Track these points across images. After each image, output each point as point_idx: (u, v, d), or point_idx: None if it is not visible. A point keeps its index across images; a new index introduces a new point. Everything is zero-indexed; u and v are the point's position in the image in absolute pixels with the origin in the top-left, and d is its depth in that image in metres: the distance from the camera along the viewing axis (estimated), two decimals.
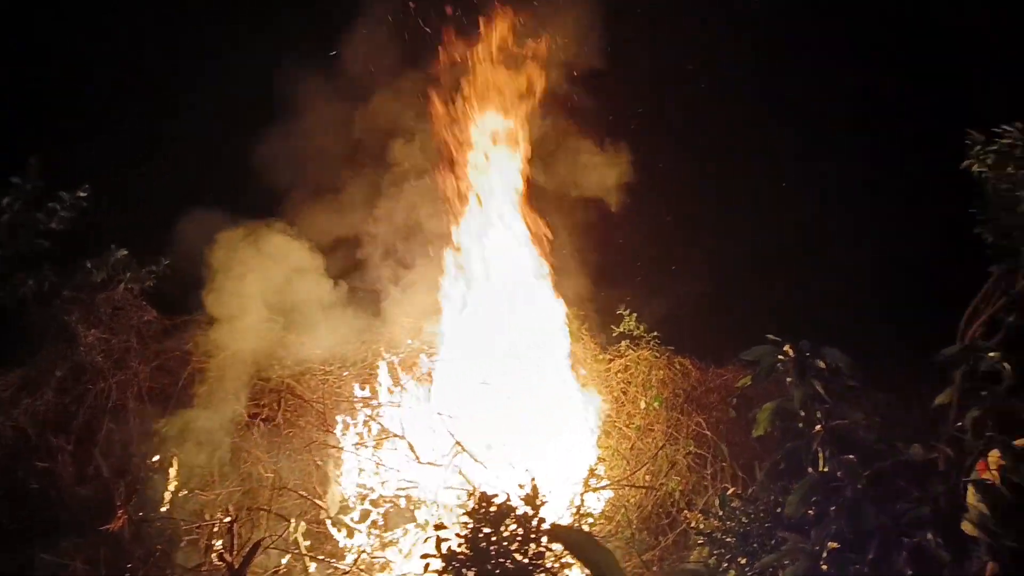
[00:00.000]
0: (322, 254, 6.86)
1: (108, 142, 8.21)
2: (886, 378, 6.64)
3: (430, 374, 7.04)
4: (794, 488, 3.16)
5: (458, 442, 6.39)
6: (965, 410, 3.24)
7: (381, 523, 6.23)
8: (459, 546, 3.99)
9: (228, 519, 5.64)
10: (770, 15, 8.08)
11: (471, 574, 3.95)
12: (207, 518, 5.85)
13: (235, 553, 5.36)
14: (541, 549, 4.10)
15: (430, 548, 3.96)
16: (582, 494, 6.19)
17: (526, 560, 4.06)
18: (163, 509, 5.88)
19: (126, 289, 6.60)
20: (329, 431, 6.54)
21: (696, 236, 8.65)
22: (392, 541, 6.07)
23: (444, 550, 3.97)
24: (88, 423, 6.22)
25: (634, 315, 7.37)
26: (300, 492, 6.19)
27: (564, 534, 2.96)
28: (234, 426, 6.31)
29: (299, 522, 5.92)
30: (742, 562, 3.85)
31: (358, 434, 6.60)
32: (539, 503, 4.73)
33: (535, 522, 4.72)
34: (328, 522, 6.10)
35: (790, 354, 3.28)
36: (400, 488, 6.39)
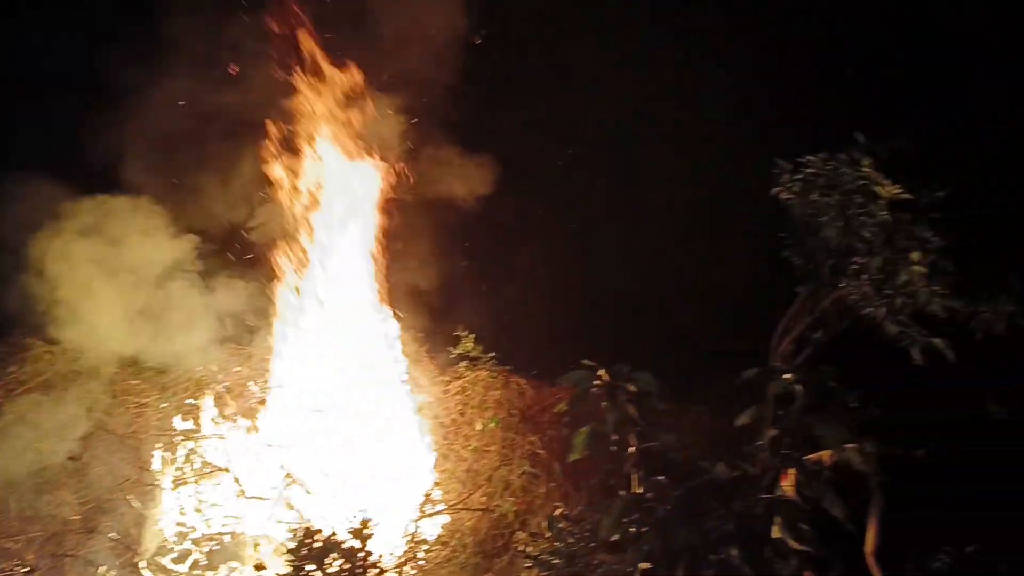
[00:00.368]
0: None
1: None
2: (710, 397, 6.93)
3: (260, 403, 6.76)
4: (608, 510, 3.22)
5: (288, 474, 6.16)
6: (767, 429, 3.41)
7: (204, 563, 5.89)
8: None
9: (25, 570, 5.16)
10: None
11: None
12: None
13: None
14: None
15: None
16: (417, 520, 6.10)
17: None
18: None
19: None
20: (144, 468, 6.13)
21: (534, 255, 8.76)
22: None
23: None
24: None
25: (472, 336, 7.36)
26: (111, 535, 5.76)
27: None
28: (35, 466, 5.80)
29: (109, 568, 5.51)
30: None
31: (178, 469, 6.23)
32: (367, 535, 4.61)
33: (362, 555, 4.60)
34: (143, 565, 5.71)
35: (605, 379, 3.34)
36: (224, 525, 6.08)
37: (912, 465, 4.98)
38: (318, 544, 4.40)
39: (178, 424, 6.46)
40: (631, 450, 3.32)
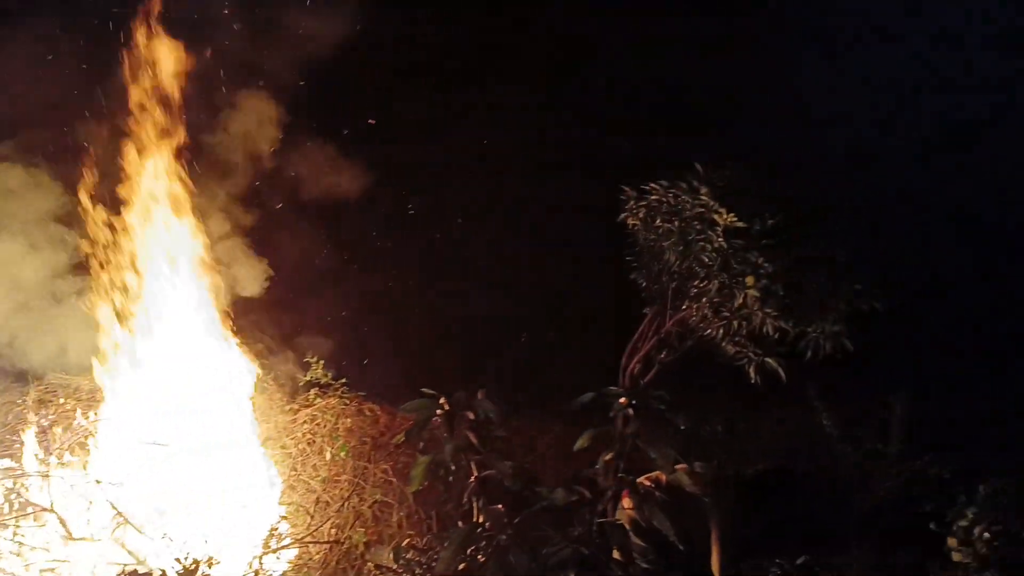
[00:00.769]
0: None
1: None
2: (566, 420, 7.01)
3: (89, 437, 6.31)
4: (447, 542, 3.17)
5: (119, 512, 5.77)
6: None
7: None
8: None
9: None
10: None
11: None
12: None
13: None
14: None
15: None
16: (260, 556, 5.83)
17: None
18: None
19: None
20: None
21: (387, 279, 8.67)
22: None
23: None
24: None
25: (322, 362, 7.16)
26: None
27: None
28: None
29: None
30: None
31: None
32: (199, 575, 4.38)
33: None
34: None
35: (445, 407, 3.30)
36: (46, 570, 5.62)
37: (748, 482, 5.21)
38: None
39: None
40: (471, 480, 3.28)
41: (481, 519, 3.31)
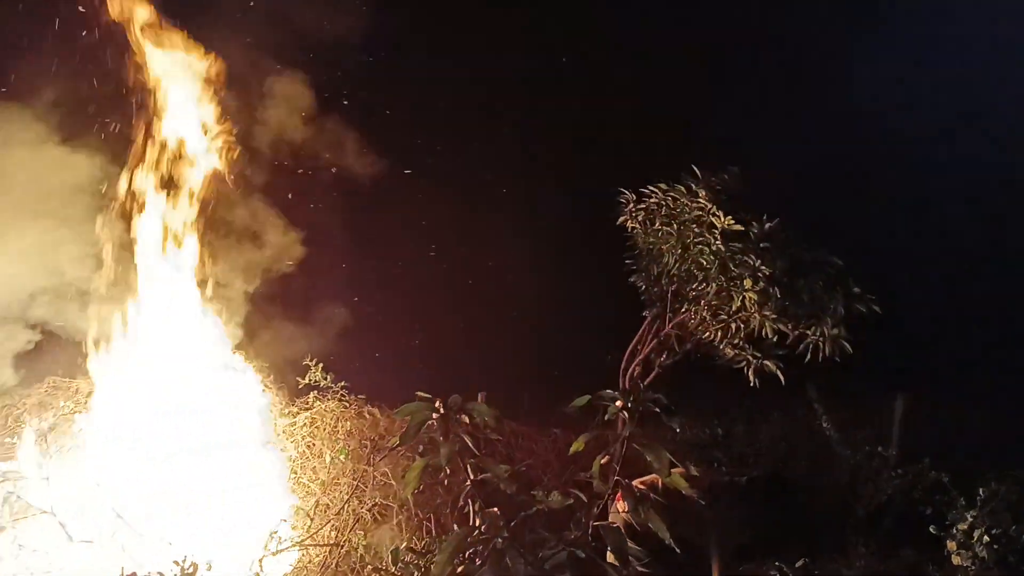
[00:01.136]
0: None
1: None
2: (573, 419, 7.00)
3: (87, 438, 6.32)
4: (443, 545, 3.17)
5: (119, 515, 5.78)
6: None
7: None
8: None
9: None
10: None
11: None
12: None
13: None
14: None
15: None
16: (260, 560, 5.83)
17: None
18: None
19: None
20: None
21: (389, 282, 8.68)
22: None
23: None
24: None
25: (320, 365, 7.15)
26: None
27: None
28: None
29: None
30: None
31: None
32: None
33: None
34: None
35: (440, 410, 3.29)
36: (47, 572, 5.62)
37: (744, 487, 5.21)
38: None
39: None
40: (468, 483, 3.28)
41: (477, 522, 3.31)
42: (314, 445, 6.86)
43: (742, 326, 5.80)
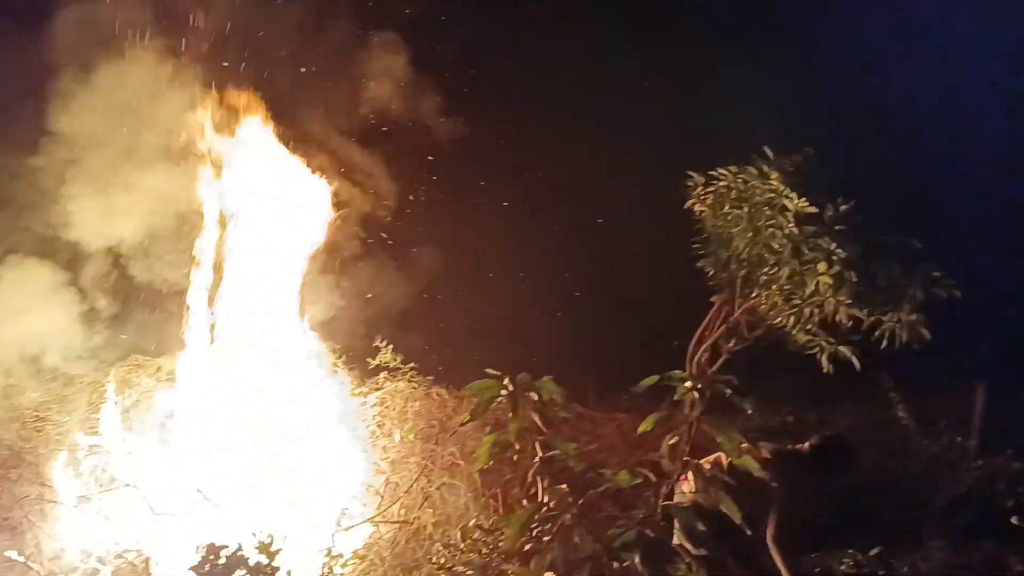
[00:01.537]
0: None
1: None
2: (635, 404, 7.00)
3: (169, 416, 6.56)
4: (511, 520, 3.21)
5: (199, 489, 5.99)
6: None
7: None
8: None
9: None
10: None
11: None
12: None
13: None
14: None
15: None
16: (333, 535, 5.98)
17: None
18: None
19: None
20: (46, 484, 5.89)
21: (458, 264, 8.75)
22: None
23: None
24: None
25: (391, 346, 7.27)
26: (9, 555, 5.51)
27: None
28: None
29: None
30: None
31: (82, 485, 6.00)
32: (274, 551, 4.51)
33: (269, 571, 4.50)
34: None
35: (509, 388, 3.33)
36: (132, 542, 5.88)
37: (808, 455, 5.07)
38: (222, 561, 4.29)
39: (81, 439, 6.22)
40: (536, 460, 3.31)
41: (545, 499, 3.34)
42: (384, 425, 6.98)
43: (816, 311, 5.66)
